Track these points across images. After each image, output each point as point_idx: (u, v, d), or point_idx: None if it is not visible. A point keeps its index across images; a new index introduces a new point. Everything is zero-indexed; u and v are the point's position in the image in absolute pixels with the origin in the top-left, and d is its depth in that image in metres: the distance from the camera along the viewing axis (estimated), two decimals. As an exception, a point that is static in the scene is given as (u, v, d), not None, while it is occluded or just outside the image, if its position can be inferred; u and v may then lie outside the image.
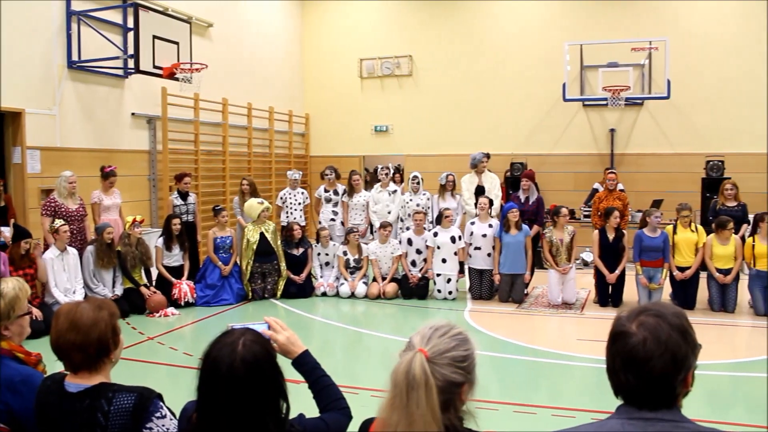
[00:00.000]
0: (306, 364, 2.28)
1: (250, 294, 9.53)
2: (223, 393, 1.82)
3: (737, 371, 6.46)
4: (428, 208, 10.53)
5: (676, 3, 14.02)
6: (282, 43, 15.31)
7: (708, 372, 6.19)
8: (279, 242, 9.75)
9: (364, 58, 15.68)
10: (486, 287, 9.48)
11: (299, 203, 10.86)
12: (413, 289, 9.58)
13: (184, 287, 9.07)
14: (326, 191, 10.88)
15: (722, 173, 12.18)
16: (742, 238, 8.88)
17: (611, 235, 8.99)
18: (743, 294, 8.83)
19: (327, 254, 10.07)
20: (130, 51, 9.61)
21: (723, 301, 8.69)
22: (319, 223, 10.78)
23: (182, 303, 8.97)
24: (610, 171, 10.56)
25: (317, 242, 10.16)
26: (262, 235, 9.57)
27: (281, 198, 10.94)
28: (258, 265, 9.53)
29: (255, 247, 9.51)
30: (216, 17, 12.61)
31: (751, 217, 9.29)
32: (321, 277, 9.99)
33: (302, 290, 9.73)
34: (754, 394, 6.06)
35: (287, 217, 10.71)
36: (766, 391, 5.75)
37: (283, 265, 9.68)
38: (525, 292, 9.53)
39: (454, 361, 1.72)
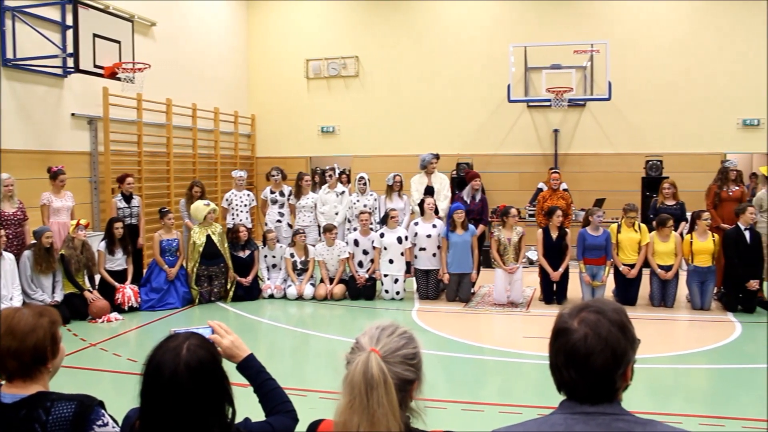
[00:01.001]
0: (251, 367, 2.25)
1: (197, 297, 9.38)
2: (166, 399, 1.79)
3: (676, 363, 6.65)
4: (375, 208, 10.55)
5: (617, 7, 14.37)
6: (227, 43, 15.13)
7: (649, 365, 6.37)
8: (226, 245, 9.63)
9: (310, 58, 15.61)
10: (432, 287, 9.54)
11: (245, 205, 10.76)
12: (361, 290, 9.58)
13: (128, 291, 8.89)
14: (272, 192, 10.81)
15: (661, 172, 12.52)
16: (681, 236, 9.14)
17: (555, 234, 9.15)
18: (682, 289, 9.09)
19: (274, 256, 9.99)
20: (70, 49, 9.36)
21: (663, 296, 8.94)
22: (266, 225, 10.70)
23: (126, 308, 8.78)
24: (553, 171, 10.74)
25: (264, 244, 10.07)
26: (208, 237, 9.44)
27: (227, 200, 10.82)
28: (204, 267, 9.40)
29: (201, 249, 9.37)
30: (159, 16, 12.38)
31: (689, 214, 9.57)
32: (268, 279, 9.92)
33: (249, 293, 9.63)
34: (692, 385, 6.27)
35: (233, 219, 10.59)
36: (704, 381, 5.94)
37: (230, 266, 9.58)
38: (472, 291, 9.63)
39: (406, 359, 1.73)
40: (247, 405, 2.16)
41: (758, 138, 14.09)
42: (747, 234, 8.58)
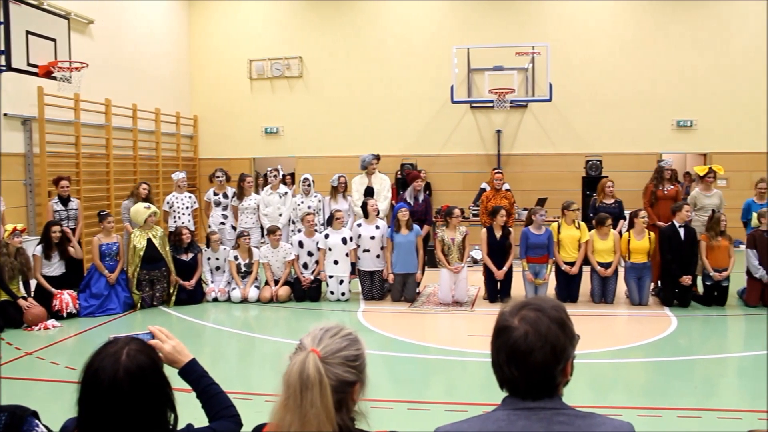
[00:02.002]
0: (193, 373, 2.21)
1: (139, 302, 9.19)
2: (105, 406, 1.74)
3: (616, 358, 6.82)
4: (319, 210, 10.52)
5: (558, 9, 14.67)
6: (168, 43, 14.88)
7: (590, 360, 6.51)
8: (168, 248, 9.45)
9: (253, 59, 15.48)
10: (377, 288, 9.55)
11: (187, 207, 10.59)
12: (306, 291, 9.53)
13: (66, 297, 8.63)
14: (215, 194, 10.67)
15: (600, 172, 12.82)
16: (620, 233, 9.38)
17: (498, 233, 9.27)
18: (621, 286, 9.32)
19: (217, 259, 9.86)
20: (0, 47, 9.05)
21: (603, 293, 9.15)
22: (209, 227, 10.55)
23: (64, 314, 8.53)
24: (496, 171, 10.88)
25: (207, 247, 9.93)
26: (149, 241, 9.25)
27: (168, 203, 10.62)
28: (146, 272, 9.20)
29: (142, 253, 9.18)
30: (96, 14, 12.07)
31: (627, 213, 9.82)
32: (212, 282, 9.77)
33: (192, 296, 9.48)
34: (631, 378, 6.44)
35: (175, 222, 10.41)
36: (644, 374, 6.10)
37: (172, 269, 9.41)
38: (417, 291, 9.68)
39: (347, 361, 1.73)
40: (189, 411, 2.13)
41: (691, 138, 14.58)
42: (682, 231, 8.85)
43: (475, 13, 14.82)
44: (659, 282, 9.36)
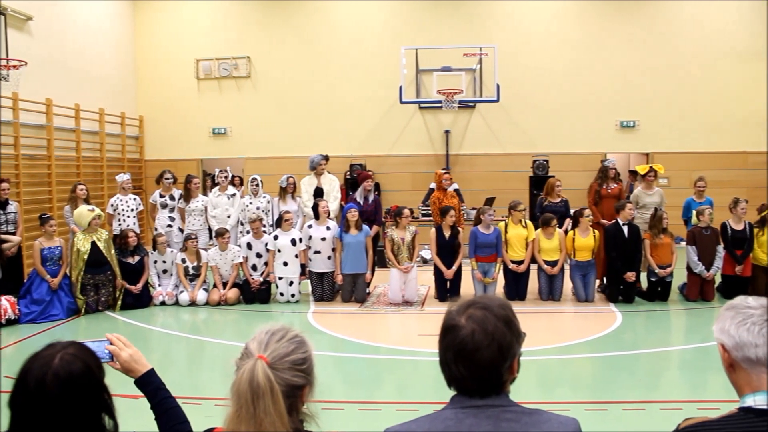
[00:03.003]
0: (150, 384, 2.16)
1: (83, 307, 8.96)
2: (31, 410, 1.67)
3: (563, 354, 6.95)
4: (268, 211, 10.44)
5: (506, 10, 14.87)
6: (112, 42, 14.55)
7: (539, 357, 6.62)
8: (113, 251, 9.25)
9: (200, 58, 15.27)
10: (327, 289, 9.53)
11: (132, 210, 10.35)
12: (255, 293, 9.45)
13: (4, 303, 8.35)
14: (162, 196, 10.47)
15: (547, 171, 13.04)
16: (566, 232, 9.55)
17: (447, 233, 9.35)
18: (568, 283, 9.49)
19: (164, 262, 9.69)
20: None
21: (551, 290, 9.31)
22: (155, 229, 10.36)
23: (2, 321, 8.26)
24: (445, 171, 10.96)
25: (154, 249, 9.75)
26: (93, 244, 9.03)
27: (112, 205, 10.36)
28: (90, 276, 8.99)
29: (86, 257, 8.95)
30: (35, 10, 11.71)
31: (572, 212, 10.01)
32: (159, 285, 9.61)
33: (139, 300, 9.30)
34: (578, 373, 6.57)
35: (119, 225, 10.18)
36: (588, 369, 6.23)
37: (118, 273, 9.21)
38: (367, 291, 9.69)
39: (295, 365, 1.72)
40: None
41: (634, 138, 14.95)
42: (625, 229, 9.06)
43: (423, 13, 14.91)
44: (604, 279, 9.57)
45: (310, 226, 9.61)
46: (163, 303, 9.40)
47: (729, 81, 14.65)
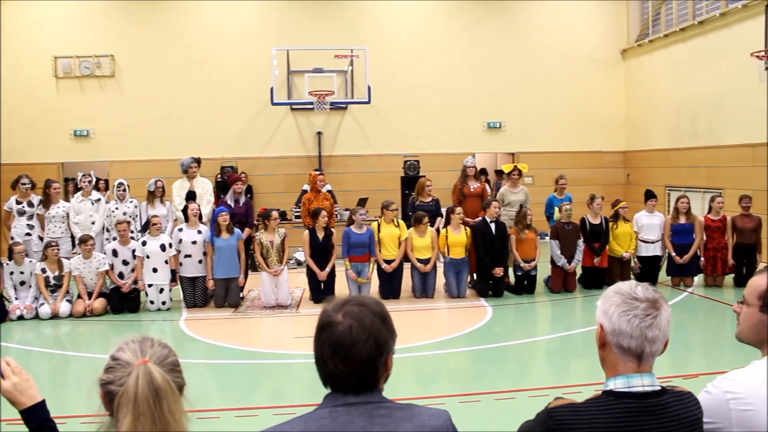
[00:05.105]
0: (35, 419, 2.00)
1: (-74, 325, 8.25)
2: None
3: (438, 349, 7.11)
4: (136, 216, 10.06)
5: (376, 13, 15.05)
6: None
7: (415, 353, 6.74)
8: (-39, 263, 8.58)
9: (59, 56, 14.43)
10: (199, 294, 9.28)
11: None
12: (124, 302, 9.04)
13: None
14: (18, 203, 9.82)
15: (418, 172, 13.31)
16: (438, 230, 9.79)
17: (321, 234, 9.35)
18: (441, 280, 9.74)
19: (22, 273, 9.07)
20: None
21: (424, 287, 9.51)
22: (12, 238, 9.70)
23: None
24: (319, 173, 10.96)
25: (9, 260, 9.11)
26: (-62, 255, 8.35)
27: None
28: (-65, 290, 8.30)
29: (-70, 270, 8.26)
30: None
31: (444, 210, 10.28)
32: (16, 299, 8.97)
33: (-8, 315, 8.68)
34: (453, 367, 6.75)
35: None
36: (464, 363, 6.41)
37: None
38: (240, 295, 9.52)
39: (174, 367, 1.73)
40: None
41: (501, 139, 15.57)
42: (492, 226, 9.40)
43: (295, 14, 14.84)
44: (474, 275, 9.90)
45: (180, 230, 9.33)
46: (21, 317, 8.77)
47: (588, 85, 15.60)
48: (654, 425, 1.84)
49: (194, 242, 9.22)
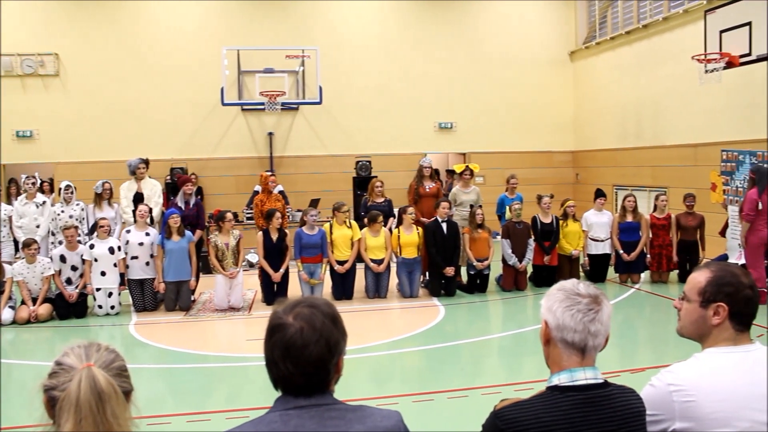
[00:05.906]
0: None
1: None
2: None
3: (392, 349, 7.13)
4: (83, 219, 9.84)
5: (327, 13, 15.01)
6: None
7: (369, 354, 6.75)
8: None
9: (-1, 54, 14.04)
10: (149, 298, 9.12)
11: None
12: (70, 308, 8.82)
13: None
14: (-43, 206, 9.55)
15: (370, 172, 13.34)
16: (390, 230, 9.82)
17: (274, 236, 9.29)
18: (394, 280, 9.77)
19: (-38, 278, 8.81)
20: None
21: (377, 288, 9.52)
22: (-50, 243, 9.41)
23: None
24: (270, 174, 10.88)
25: (-52, 265, 8.83)
26: None
27: None
28: None
29: None
30: None
31: (396, 210, 10.32)
32: (-46, 305, 8.70)
33: (-69, 323, 8.38)
34: (406, 366, 6.78)
35: None
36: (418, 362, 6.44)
37: None
38: (192, 298, 9.39)
39: (121, 371, 1.70)
40: None
41: (452, 139, 15.71)
42: (444, 226, 9.46)
43: (245, 14, 14.71)
44: (427, 274, 9.95)
45: (128, 232, 9.15)
46: (-40, 324, 8.52)
47: (537, 86, 15.85)
48: (599, 415, 1.89)
49: (141, 243, 9.03)
